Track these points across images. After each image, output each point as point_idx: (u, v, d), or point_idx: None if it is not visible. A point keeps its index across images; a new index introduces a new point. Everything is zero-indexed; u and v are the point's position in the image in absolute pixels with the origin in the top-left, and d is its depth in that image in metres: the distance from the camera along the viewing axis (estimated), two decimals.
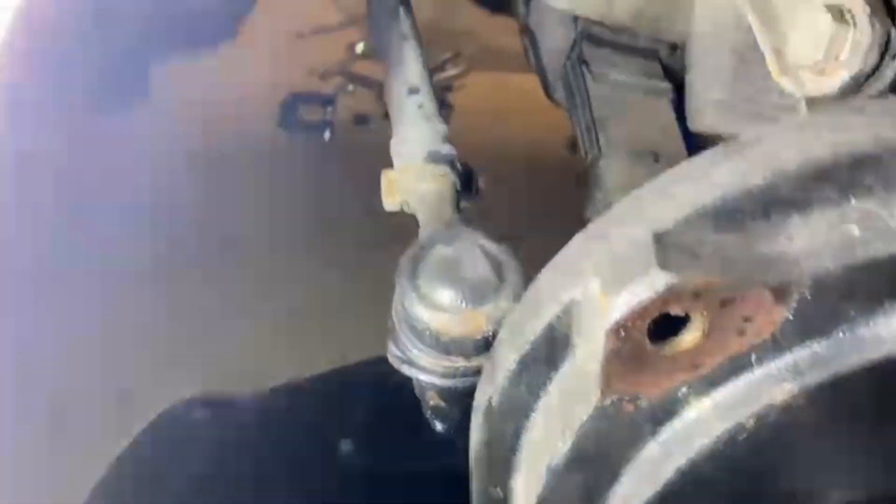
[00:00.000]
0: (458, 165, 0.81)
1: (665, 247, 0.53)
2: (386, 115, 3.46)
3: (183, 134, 2.93)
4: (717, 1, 0.96)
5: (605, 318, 0.53)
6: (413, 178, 0.79)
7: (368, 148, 3.31)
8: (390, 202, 0.84)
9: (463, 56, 3.61)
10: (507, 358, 0.63)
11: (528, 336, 0.61)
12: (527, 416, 0.64)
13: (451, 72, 3.55)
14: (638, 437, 0.58)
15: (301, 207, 2.74)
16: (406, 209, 0.84)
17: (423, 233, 0.75)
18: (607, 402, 0.56)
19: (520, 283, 0.70)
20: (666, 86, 1.25)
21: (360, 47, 3.65)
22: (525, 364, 0.62)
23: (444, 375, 0.72)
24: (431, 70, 3.53)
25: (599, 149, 1.14)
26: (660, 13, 1.08)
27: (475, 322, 0.68)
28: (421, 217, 0.77)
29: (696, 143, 1.00)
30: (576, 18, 1.26)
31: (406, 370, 0.74)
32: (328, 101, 3.28)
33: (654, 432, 0.57)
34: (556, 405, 0.61)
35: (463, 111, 3.38)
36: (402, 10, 0.99)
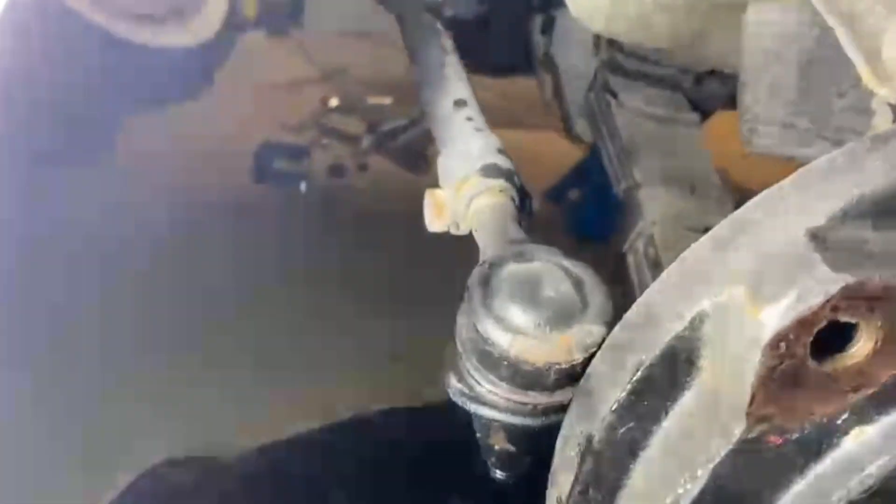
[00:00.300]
0: (517, 179, 0.73)
1: (826, 245, 0.45)
2: (361, 167, 3.38)
3: (154, 184, 2.83)
4: (773, 16, 0.90)
5: (758, 330, 0.45)
6: (468, 193, 0.71)
7: (345, 198, 3.24)
8: (437, 223, 0.75)
9: None
10: (612, 388, 0.54)
11: (641, 361, 0.52)
12: (635, 456, 0.54)
13: (427, 125, 3.51)
14: (784, 475, 0.49)
15: (278, 258, 2.64)
16: (454, 230, 0.75)
17: (487, 252, 0.66)
18: (753, 433, 0.47)
19: (607, 304, 0.62)
20: (694, 117, 1.20)
21: (333, 101, 3.61)
22: (637, 393, 0.53)
23: (518, 413, 0.62)
24: (409, 123, 3.47)
25: (635, 179, 1.08)
26: (700, 32, 1.02)
27: (563, 348, 0.58)
28: (480, 236, 0.68)
29: None
30: (598, 46, 1.21)
31: (472, 407, 0.64)
32: (302, 152, 3.21)
33: (804, 469, 0.48)
34: (677, 440, 0.52)
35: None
36: (439, 25, 0.91)
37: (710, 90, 1.25)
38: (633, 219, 1.02)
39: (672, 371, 0.52)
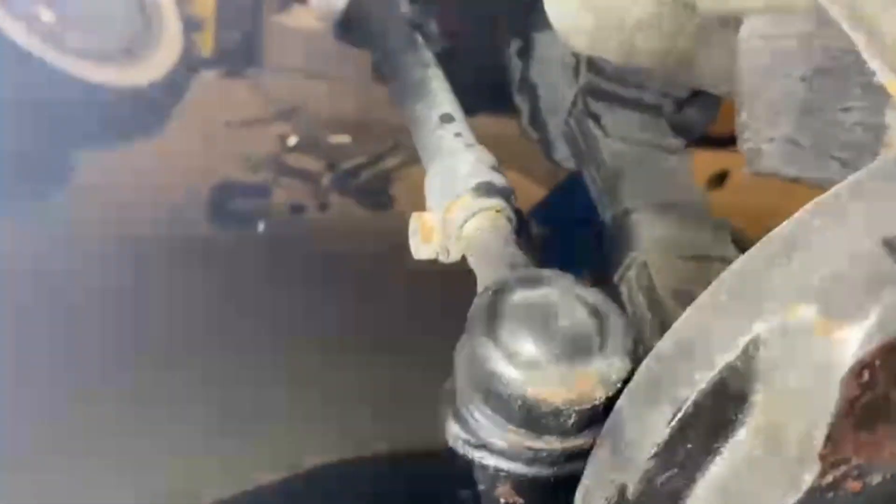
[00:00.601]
0: (513, 199, 0.66)
1: None
2: (322, 206, 3.30)
3: (107, 224, 2.72)
4: (770, 30, 0.85)
5: (832, 356, 0.38)
6: (460, 215, 0.63)
7: (305, 238, 3.15)
8: (425, 249, 0.67)
9: (400, 149, 3.52)
10: (647, 430, 0.47)
11: (683, 397, 0.45)
12: None
13: (390, 163, 3.45)
14: None
15: (235, 301, 2.53)
16: (443, 257, 0.68)
17: (486, 279, 0.58)
18: (827, 479, 0.40)
19: (628, 334, 0.55)
20: (678, 142, 1.15)
21: (292, 140, 3.54)
22: (679, 436, 0.45)
23: (530, 461, 0.55)
24: (370, 160, 3.41)
25: (624, 206, 1.02)
26: (688, 52, 0.98)
27: (585, 385, 0.51)
28: (476, 262, 0.61)
29: None
30: (578, 70, 1.16)
31: (476, 456, 0.56)
32: (261, 191, 3.13)
33: None
34: (729, 490, 0.45)
35: (403, 202, 3.27)
36: (419, 39, 0.84)
37: (690, 117, 1.21)
38: (624, 247, 0.96)
39: (721, 408, 0.45)
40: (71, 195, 2.55)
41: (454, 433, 0.57)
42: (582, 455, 0.55)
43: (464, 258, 0.71)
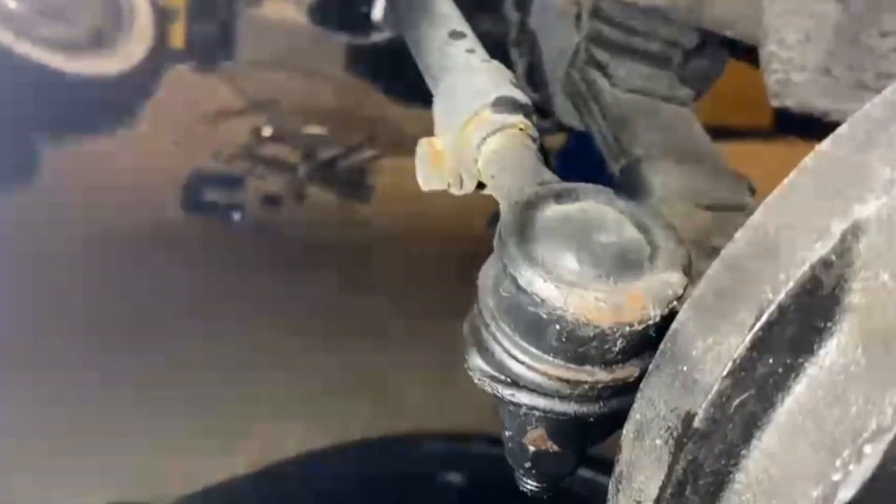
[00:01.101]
0: (535, 119, 0.58)
1: None
2: (298, 197, 3.22)
3: (79, 215, 2.62)
4: None
5: None
6: (478, 133, 0.55)
7: (281, 229, 3.06)
8: (435, 179, 0.60)
9: (377, 140, 3.45)
10: (719, 345, 0.39)
11: (762, 303, 0.38)
12: (752, 437, 0.40)
13: (366, 154, 3.38)
14: None
15: (211, 291, 2.44)
16: (456, 188, 0.61)
17: (511, 199, 0.51)
18: None
19: (681, 248, 0.47)
20: (688, 92, 1.09)
21: (267, 130, 3.45)
22: (758, 349, 0.38)
23: (569, 398, 0.47)
24: (346, 151, 3.33)
25: (635, 154, 0.95)
26: None
27: (635, 303, 0.44)
28: (500, 183, 0.53)
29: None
30: (580, 18, 1.09)
31: (505, 393, 0.48)
32: (235, 182, 3.04)
33: None
34: (822, 409, 0.38)
35: (382, 192, 3.20)
36: None
37: (698, 68, 1.15)
38: (635, 197, 0.89)
39: (810, 314, 0.38)
40: (42, 186, 2.45)
41: (479, 367, 0.49)
42: (628, 389, 0.48)
43: (477, 189, 0.63)
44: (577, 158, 1.19)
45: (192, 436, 1.85)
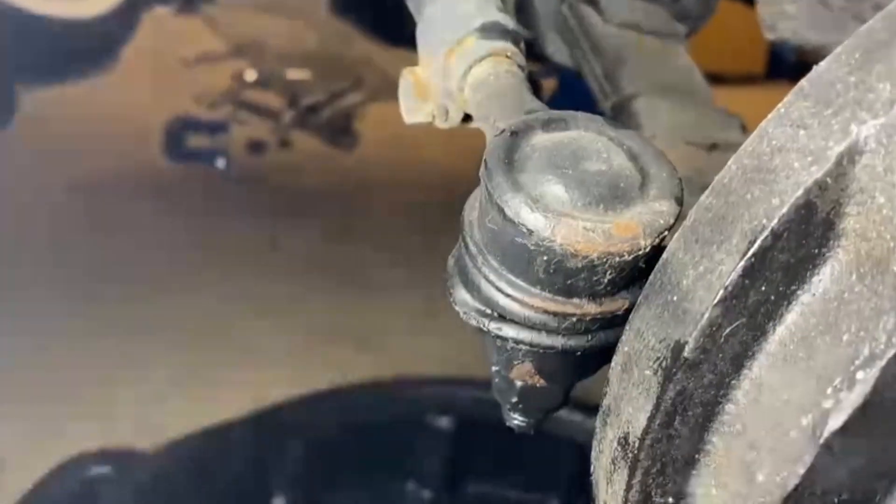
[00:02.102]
0: (523, 46, 0.57)
1: None
2: (283, 143, 3.18)
3: (60, 161, 2.58)
4: None
5: None
6: (464, 60, 0.54)
7: (265, 176, 3.02)
8: (418, 110, 0.58)
9: (363, 85, 3.40)
10: (711, 273, 0.38)
11: (755, 230, 0.37)
12: (742, 367, 0.39)
13: (351, 99, 3.33)
14: None
15: (195, 238, 2.42)
16: (440, 120, 0.59)
17: (500, 128, 0.49)
18: None
19: (673, 177, 0.46)
20: (680, 29, 1.07)
21: (250, 75, 3.39)
22: (750, 277, 0.37)
23: (556, 331, 0.46)
24: (331, 96, 3.27)
25: (626, 91, 0.93)
26: None
27: (625, 233, 0.43)
28: (485, 111, 0.52)
29: None
30: None
31: (491, 327, 0.47)
32: (218, 128, 2.99)
33: None
34: (813, 337, 0.37)
35: (368, 139, 3.16)
36: None
37: (688, 7, 1.12)
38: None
39: (803, 239, 0.37)
40: (20, 132, 2.40)
41: (464, 302, 0.48)
42: (617, 322, 0.47)
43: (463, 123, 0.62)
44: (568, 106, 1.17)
45: (176, 383, 1.85)
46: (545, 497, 1.65)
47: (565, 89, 1.56)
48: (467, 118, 0.61)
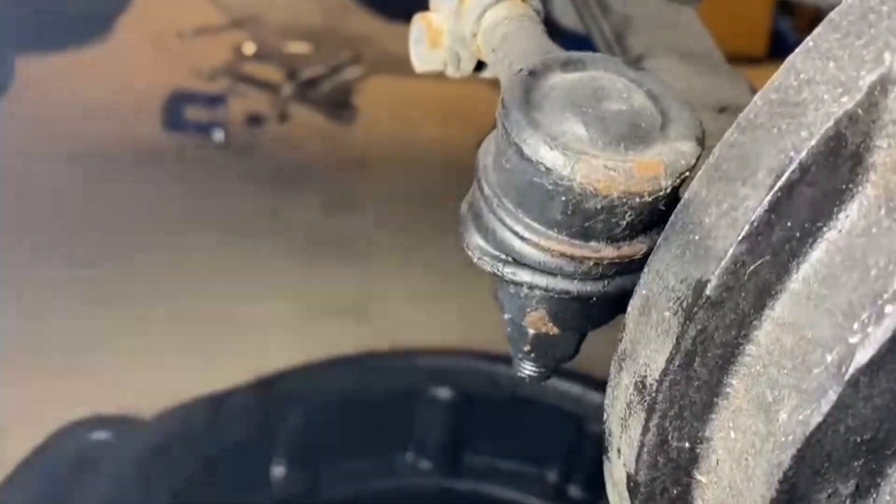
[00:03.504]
0: None
1: None
2: (281, 117, 3.17)
3: (58, 133, 2.56)
4: None
5: None
6: (477, 5, 0.53)
7: (265, 148, 3.01)
8: (431, 58, 0.57)
9: (363, 59, 3.38)
10: (735, 209, 0.38)
11: (782, 164, 0.36)
12: (765, 306, 0.39)
13: (351, 73, 3.31)
14: None
15: (195, 210, 2.41)
16: (452, 69, 0.58)
17: (517, 68, 0.48)
18: None
19: (693, 118, 0.45)
20: None
21: (249, 48, 3.36)
22: (776, 212, 0.36)
23: (573, 275, 0.46)
24: (331, 70, 3.24)
25: (635, 53, 0.92)
26: None
27: (646, 172, 0.42)
28: (498, 59, 0.51)
29: None
30: None
31: (506, 272, 0.47)
32: (216, 100, 2.96)
33: None
34: (839, 273, 0.36)
35: (367, 113, 3.14)
36: None
37: None
38: None
39: (830, 173, 0.36)
40: (16, 99, 2.38)
41: (478, 246, 0.47)
42: (634, 268, 0.46)
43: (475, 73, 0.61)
44: None
45: (173, 353, 1.84)
46: (544, 468, 1.65)
47: None
48: (479, 68, 0.60)
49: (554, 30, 1.14)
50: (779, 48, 4.05)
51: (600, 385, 0.50)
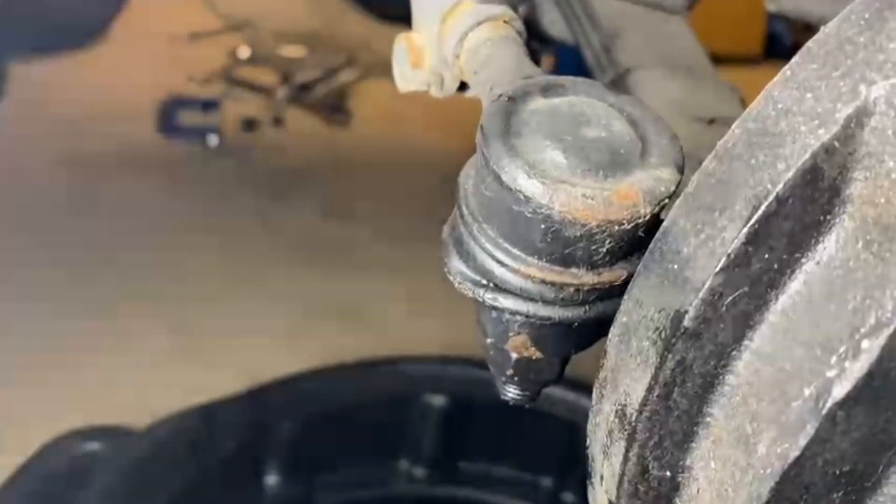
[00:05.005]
0: (521, 12, 0.55)
1: None
2: (276, 121, 3.17)
3: (50, 137, 2.56)
4: None
5: None
6: (460, 26, 0.52)
7: (260, 152, 3.00)
8: (414, 78, 0.57)
9: (357, 63, 3.37)
10: (713, 240, 0.37)
11: (759, 195, 0.36)
12: (743, 337, 0.38)
13: (345, 77, 3.30)
14: None
15: (189, 214, 2.40)
16: (435, 89, 0.58)
17: (497, 93, 0.48)
18: None
19: (674, 145, 0.45)
20: (679, 2, 1.05)
21: (243, 52, 3.36)
22: (756, 242, 0.36)
23: (553, 301, 0.45)
24: (325, 74, 3.24)
25: (625, 64, 0.92)
26: None
27: (625, 200, 0.42)
28: (483, 79, 0.51)
29: None
30: None
31: (487, 298, 0.46)
32: (211, 105, 2.96)
33: None
34: (818, 304, 0.36)
35: (362, 117, 3.14)
36: None
37: None
38: None
39: (806, 205, 0.36)
40: (9, 104, 2.37)
41: (459, 271, 0.47)
42: (615, 293, 0.46)
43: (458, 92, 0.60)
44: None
45: (169, 361, 1.84)
46: (538, 476, 1.65)
47: (564, 68, 1.54)
48: (462, 88, 0.60)
49: (544, 41, 1.14)
50: (774, 48, 4.05)
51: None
